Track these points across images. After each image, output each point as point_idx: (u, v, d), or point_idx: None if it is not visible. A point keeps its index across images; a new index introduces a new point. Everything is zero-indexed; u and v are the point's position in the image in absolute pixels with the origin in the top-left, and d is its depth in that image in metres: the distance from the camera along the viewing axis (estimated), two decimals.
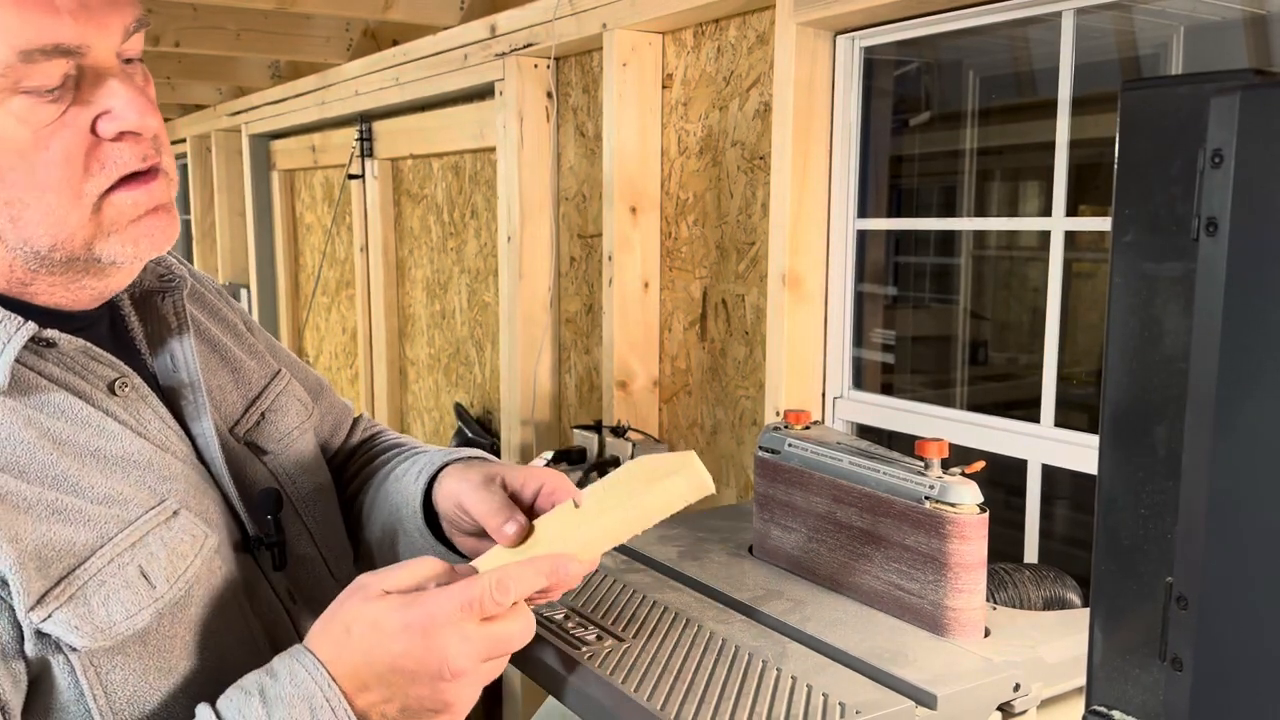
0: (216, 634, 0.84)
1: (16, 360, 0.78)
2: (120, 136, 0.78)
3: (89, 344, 0.83)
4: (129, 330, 0.91)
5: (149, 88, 0.82)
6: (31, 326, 0.78)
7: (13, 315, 0.78)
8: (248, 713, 0.74)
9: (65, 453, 0.78)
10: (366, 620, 0.76)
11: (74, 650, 0.75)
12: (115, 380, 0.84)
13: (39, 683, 0.75)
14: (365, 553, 1.10)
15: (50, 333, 0.80)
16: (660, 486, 0.87)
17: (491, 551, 0.89)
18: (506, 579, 0.77)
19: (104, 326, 0.89)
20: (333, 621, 0.77)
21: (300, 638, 0.87)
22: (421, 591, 0.77)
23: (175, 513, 0.82)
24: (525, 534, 0.88)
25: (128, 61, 0.81)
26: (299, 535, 0.98)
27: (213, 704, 0.76)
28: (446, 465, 1.00)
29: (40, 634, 0.74)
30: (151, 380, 0.90)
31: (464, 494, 0.94)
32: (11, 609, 0.73)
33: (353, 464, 1.17)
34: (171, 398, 0.90)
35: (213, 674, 0.82)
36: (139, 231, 0.81)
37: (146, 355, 0.91)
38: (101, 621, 0.75)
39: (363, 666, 0.75)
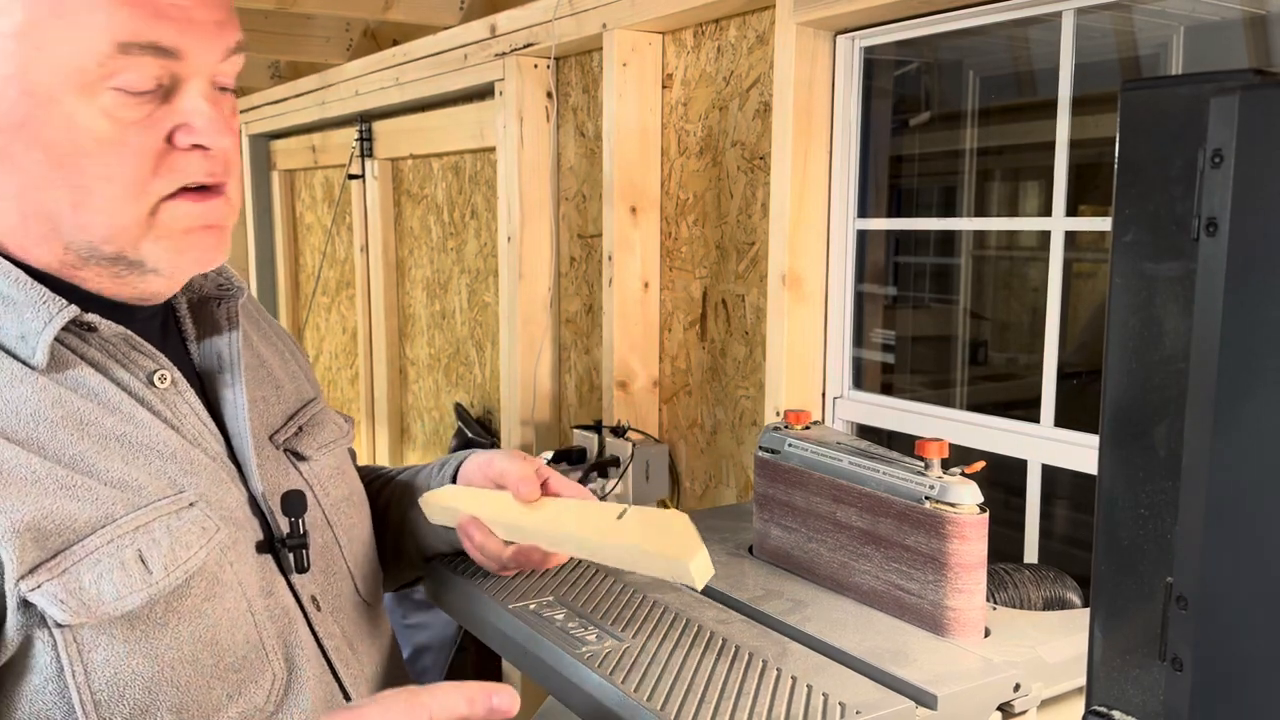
0: (216, 629, 0.83)
1: (59, 340, 0.80)
2: (191, 148, 0.81)
3: (130, 332, 0.85)
4: (181, 330, 0.93)
5: (234, 119, 0.86)
6: (73, 309, 0.80)
7: (57, 297, 0.80)
8: None
9: (87, 434, 0.80)
10: None
11: (58, 626, 0.75)
12: (154, 372, 0.86)
13: (17, 660, 0.76)
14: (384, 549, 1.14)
15: (91, 317, 0.82)
16: (666, 560, 0.94)
17: (496, 497, 1.04)
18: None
19: (156, 323, 0.91)
20: None
21: (320, 646, 0.91)
22: None
23: (190, 504, 0.83)
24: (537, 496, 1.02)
25: (221, 89, 0.84)
26: (328, 544, 0.98)
27: None
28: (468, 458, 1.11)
29: (26, 605, 0.74)
30: (194, 379, 0.92)
31: (498, 458, 1.06)
32: None
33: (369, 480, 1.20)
34: (212, 397, 0.92)
35: (204, 668, 0.82)
36: (187, 243, 0.83)
37: (195, 355, 0.93)
38: (90, 598, 0.76)
39: None
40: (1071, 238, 1.52)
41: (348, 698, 0.93)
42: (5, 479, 0.75)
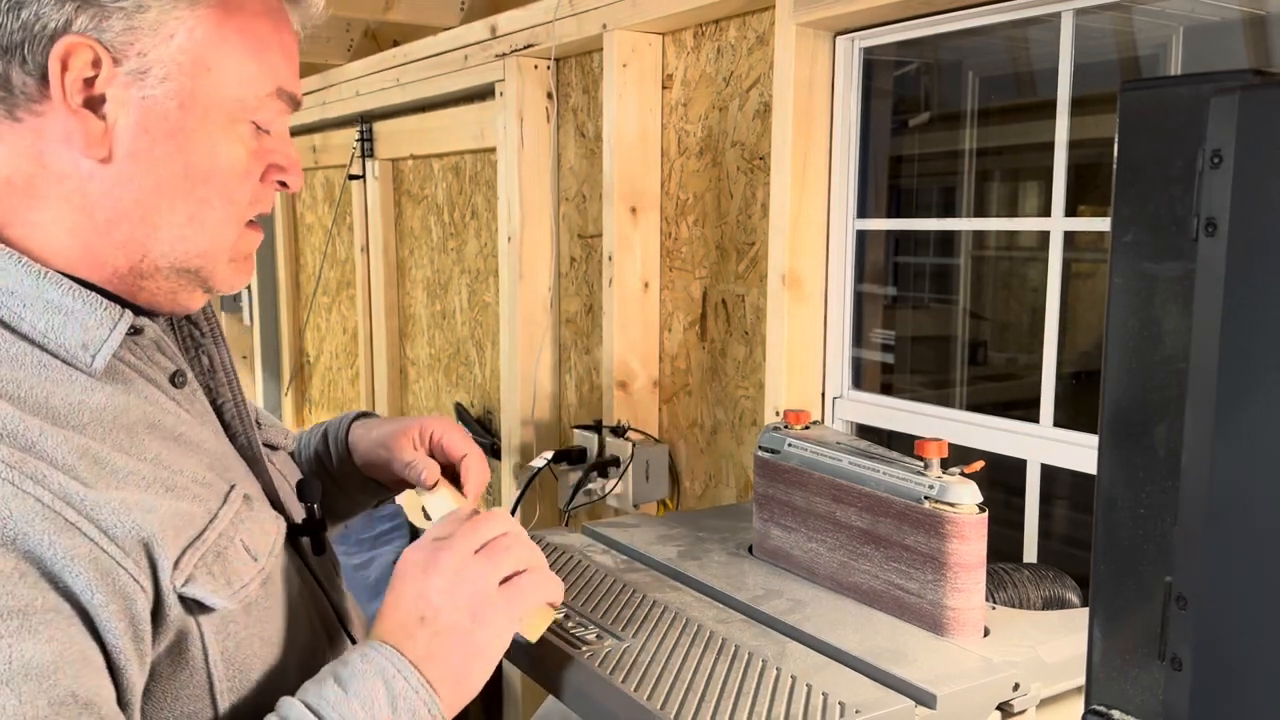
0: (293, 610, 0.88)
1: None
2: (276, 185, 0.88)
3: (161, 335, 0.88)
4: (178, 333, 0.96)
5: None
6: (129, 315, 0.82)
7: (113, 305, 0.81)
8: (326, 693, 0.78)
9: (158, 434, 0.82)
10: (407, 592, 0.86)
11: (210, 612, 0.78)
12: (175, 372, 0.88)
13: (172, 651, 0.77)
14: None
15: (141, 320, 0.85)
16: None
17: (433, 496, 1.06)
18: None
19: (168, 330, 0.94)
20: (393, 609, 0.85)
21: (339, 617, 0.97)
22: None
23: (246, 496, 0.86)
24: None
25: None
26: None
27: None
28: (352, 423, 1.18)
29: (181, 599, 0.76)
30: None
31: (386, 435, 1.12)
32: (140, 585, 0.73)
33: None
34: (209, 397, 0.94)
35: (293, 646, 0.87)
36: (245, 267, 0.89)
37: (190, 355, 0.96)
38: (232, 586, 0.80)
39: (411, 619, 0.84)
40: (1071, 238, 1.52)
41: None
42: (129, 482, 0.76)
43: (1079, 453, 1.48)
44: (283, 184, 0.88)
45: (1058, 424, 1.53)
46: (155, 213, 0.81)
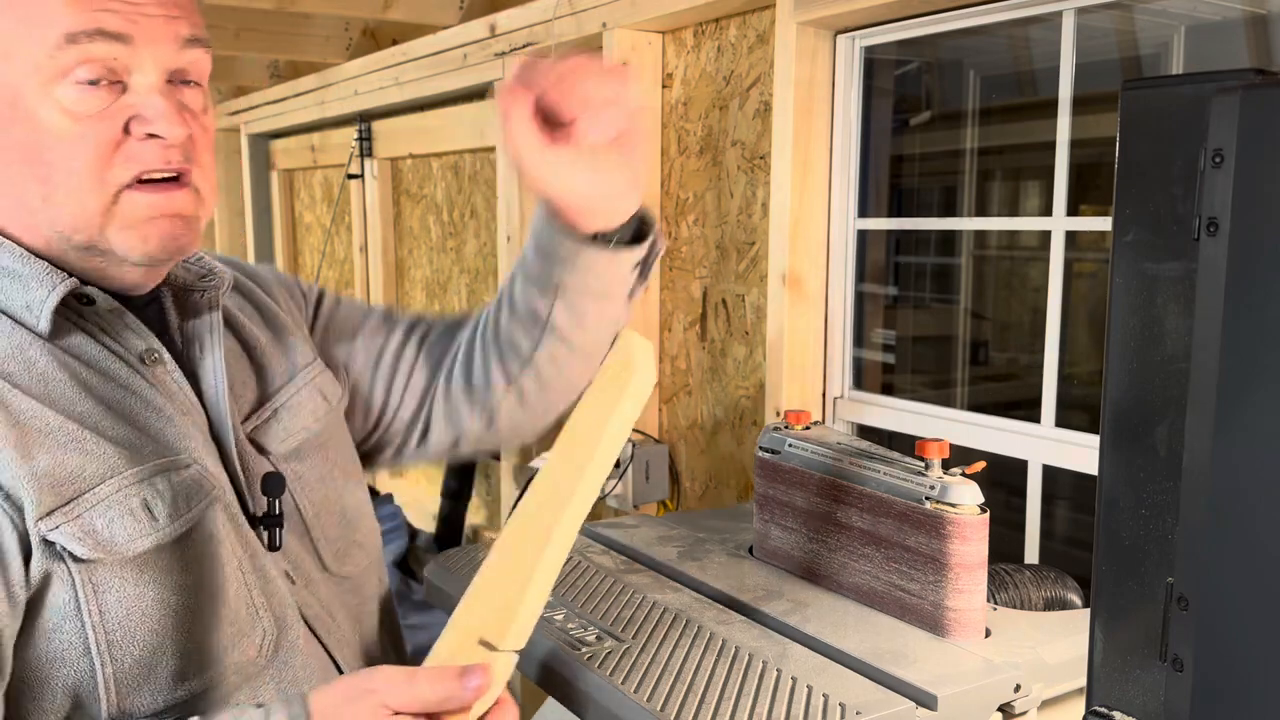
0: (214, 581, 0.88)
1: (61, 313, 0.85)
2: (147, 138, 0.83)
3: (123, 309, 0.89)
4: (167, 320, 0.96)
5: (205, 115, 0.89)
6: (73, 281, 0.85)
7: (58, 270, 0.85)
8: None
9: (92, 396, 0.85)
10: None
11: (77, 561, 0.80)
12: (145, 350, 0.90)
13: (36, 600, 0.80)
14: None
15: (89, 289, 0.87)
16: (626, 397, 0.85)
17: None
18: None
19: (151, 312, 0.95)
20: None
21: (302, 613, 0.95)
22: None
23: (188, 465, 0.88)
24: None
25: (185, 82, 0.87)
26: (295, 524, 1.00)
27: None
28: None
29: (46, 543, 0.79)
30: (182, 364, 0.95)
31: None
32: (14, 523, 0.78)
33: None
34: (194, 383, 0.95)
35: (204, 617, 0.86)
36: (149, 231, 0.86)
37: (179, 342, 0.96)
38: (104, 539, 0.81)
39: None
40: (1072, 238, 1.52)
41: (334, 661, 0.98)
42: (24, 429, 0.80)
43: (1080, 453, 1.47)
44: (152, 135, 0.84)
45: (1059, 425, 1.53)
46: (21, 198, 0.84)
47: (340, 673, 0.98)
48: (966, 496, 1.01)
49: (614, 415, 0.85)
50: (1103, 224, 1.49)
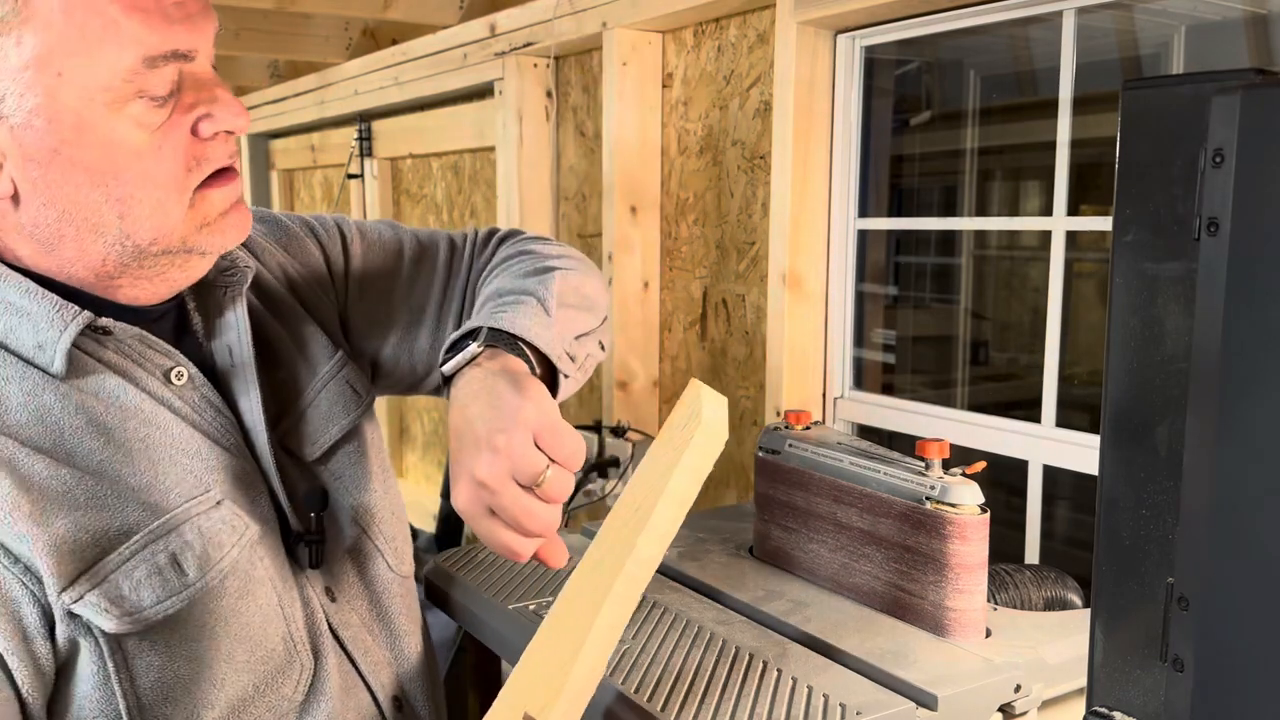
0: (250, 626, 0.85)
1: (75, 346, 0.82)
2: (214, 135, 0.83)
3: (144, 332, 0.86)
4: (191, 323, 0.94)
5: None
6: (87, 315, 0.82)
7: (69, 304, 0.82)
8: None
9: (111, 440, 0.82)
10: None
11: (103, 634, 0.77)
12: (171, 369, 0.87)
13: (66, 668, 0.78)
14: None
15: (105, 320, 0.84)
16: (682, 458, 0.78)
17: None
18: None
19: (169, 321, 0.93)
20: None
21: (336, 636, 0.93)
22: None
23: (218, 503, 0.85)
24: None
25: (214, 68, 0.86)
26: (342, 530, 0.98)
27: None
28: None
29: (71, 615, 0.77)
30: (210, 371, 0.92)
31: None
32: (36, 596, 0.76)
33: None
34: (225, 388, 0.93)
35: (239, 664, 0.84)
36: (226, 224, 0.86)
37: (206, 346, 0.94)
38: (131, 606, 0.78)
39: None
40: (1072, 237, 1.52)
41: (365, 683, 0.96)
42: (39, 493, 0.77)
43: (1080, 453, 1.47)
44: (226, 132, 0.83)
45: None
46: (88, 223, 0.81)
47: (370, 692, 0.96)
48: (967, 496, 1.01)
49: (676, 471, 0.78)
50: (1103, 224, 1.49)
